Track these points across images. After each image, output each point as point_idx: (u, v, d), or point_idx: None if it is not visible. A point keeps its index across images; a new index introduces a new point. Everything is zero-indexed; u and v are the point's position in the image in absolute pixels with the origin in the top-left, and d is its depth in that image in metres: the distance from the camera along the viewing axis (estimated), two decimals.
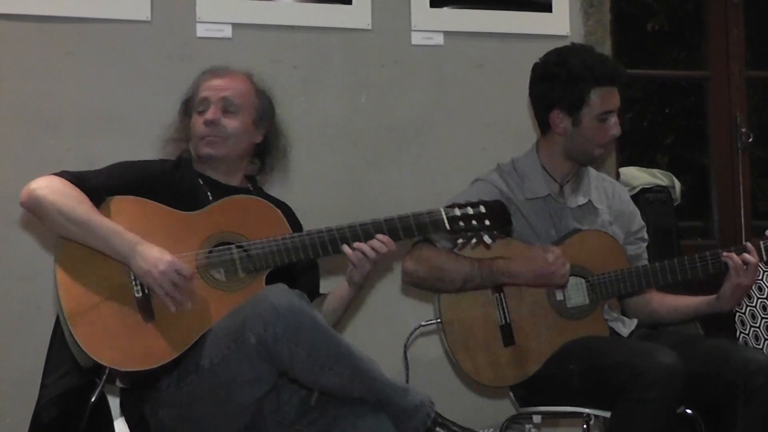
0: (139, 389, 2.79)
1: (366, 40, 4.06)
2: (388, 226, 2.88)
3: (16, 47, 3.70)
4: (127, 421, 2.86)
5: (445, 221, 2.91)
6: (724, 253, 3.22)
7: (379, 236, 2.86)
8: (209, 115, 3.02)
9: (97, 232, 2.71)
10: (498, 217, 2.96)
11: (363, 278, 2.93)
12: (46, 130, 3.72)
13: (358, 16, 4.03)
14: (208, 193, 3.00)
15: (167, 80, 3.57)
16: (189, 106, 3.13)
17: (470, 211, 2.94)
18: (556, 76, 3.28)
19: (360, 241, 2.85)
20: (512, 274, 3.17)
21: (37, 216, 2.80)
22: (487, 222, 2.94)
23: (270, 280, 2.83)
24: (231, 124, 3.04)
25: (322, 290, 3.20)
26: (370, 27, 4.05)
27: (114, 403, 2.92)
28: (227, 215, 2.89)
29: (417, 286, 3.32)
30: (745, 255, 3.20)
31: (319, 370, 2.56)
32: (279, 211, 2.96)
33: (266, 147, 3.20)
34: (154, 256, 2.68)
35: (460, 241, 2.97)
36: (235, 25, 3.92)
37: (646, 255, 3.51)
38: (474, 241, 2.96)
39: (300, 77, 3.99)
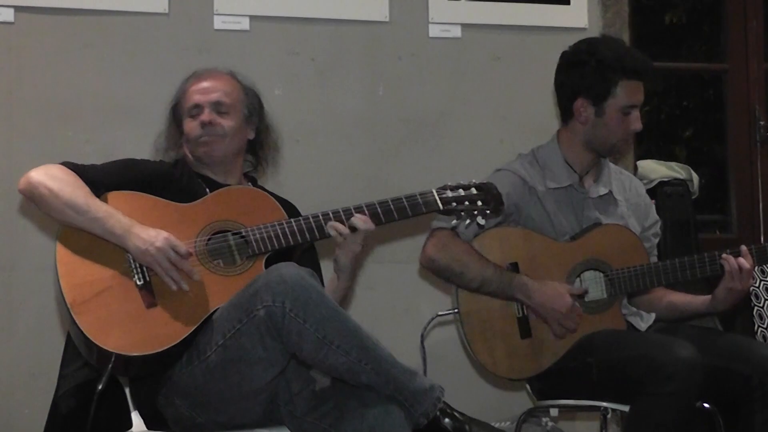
0: (148, 380, 2.79)
1: (383, 32, 4.05)
2: (382, 208, 2.89)
3: (35, 39, 3.72)
4: (141, 415, 2.86)
5: (438, 202, 2.92)
6: (723, 255, 3.21)
7: (357, 215, 2.87)
8: (204, 116, 3.04)
9: (92, 215, 2.72)
10: (490, 197, 2.97)
11: (349, 261, 2.92)
12: (64, 121, 3.73)
13: (375, 9, 4.02)
14: (207, 190, 3.00)
15: (185, 73, 3.54)
16: (178, 113, 3.15)
17: (462, 192, 2.95)
18: (585, 64, 3.27)
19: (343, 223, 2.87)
20: (529, 293, 3.17)
21: (34, 202, 2.80)
22: (479, 203, 2.95)
23: (267, 264, 2.83)
24: (225, 122, 3.06)
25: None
26: (387, 19, 4.04)
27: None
28: (223, 204, 2.91)
29: (433, 272, 3.32)
30: (740, 259, 3.18)
31: (327, 348, 2.56)
32: (273, 198, 2.99)
33: (258, 142, 3.22)
34: (150, 235, 2.70)
35: (454, 221, 2.98)
36: (253, 18, 3.91)
37: (656, 252, 3.50)
38: (468, 222, 2.97)
39: (317, 69, 3.99)
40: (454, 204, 2.93)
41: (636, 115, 3.28)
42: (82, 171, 2.84)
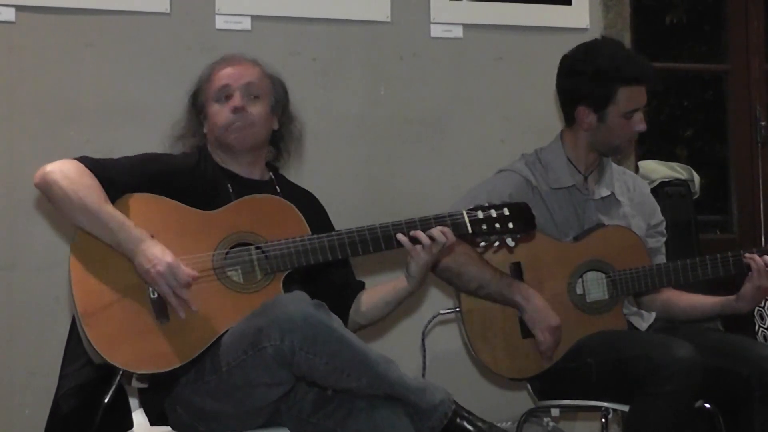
0: (157, 386, 2.78)
1: (385, 32, 4.05)
2: (409, 227, 2.84)
3: (36, 39, 3.71)
4: (147, 414, 2.85)
5: (468, 224, 2.87)
6: (747, 255, 3.21)
7: (439, 227, 2.83)
8: (236, 101, 2.97)
9: (104, 223, 2.67)
10: (521, 219, 2.91)
11: (420, 270, 2.88)
12: (65, 121, 3.73)
13: (377, 9, 4.02)
14: (229, 188, 2.96)
15: (186, 72, 3.55)
16: (199, 99, 3.08)
17: (493, 213, 2.89)
18: (582, 73, 3.27)
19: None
20: (527, 297, 3.16)
21: (48, 199, 2.76)
22: (510, 225, 2.89)
23: (289, 278, 2.82)
24: (255, 110, 3.00)
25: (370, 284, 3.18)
26: (389, 19, 4.04)
27: (132, 394, 2.92)
28: (245, 215, 2.85)
29: (433, 273, 3.32)
30: (766, 257, 3.19)
31: (338, 375, 2.55)
32: (298, 211, 2.91)
33: (282, 133, 3.16)
34: (155, 256, 2.63)
35: (482, 244, 2.94)
36: (254, 17, 3.91)
37: (664, 249, 3.51)
38: (497, 244, 2.93)
39: (319, 69, 3.99)
40: (484, 227, 2.87)
41: (639, 117, 3.29)
42: (100, 169, 2.78)
